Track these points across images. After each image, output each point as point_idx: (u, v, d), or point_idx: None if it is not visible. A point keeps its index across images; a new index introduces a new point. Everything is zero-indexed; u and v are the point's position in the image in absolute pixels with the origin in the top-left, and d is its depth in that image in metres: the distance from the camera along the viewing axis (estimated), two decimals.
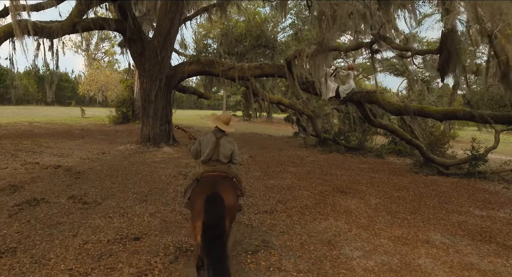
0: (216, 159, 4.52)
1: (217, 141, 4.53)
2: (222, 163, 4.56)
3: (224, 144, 4.55)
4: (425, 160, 12.81)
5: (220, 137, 4.58)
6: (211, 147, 4.49)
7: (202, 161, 4.56)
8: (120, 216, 6.47)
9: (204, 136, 4.64)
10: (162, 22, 14.25)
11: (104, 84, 40.27)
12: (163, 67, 14.69)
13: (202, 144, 4.59)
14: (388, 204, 8.32)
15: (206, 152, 4.50)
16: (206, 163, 4.53)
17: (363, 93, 11.77)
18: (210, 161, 4.53)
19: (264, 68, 13.85)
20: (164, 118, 15.11)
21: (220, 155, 4.51)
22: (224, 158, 4.55)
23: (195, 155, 4.73)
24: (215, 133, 4.62)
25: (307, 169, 12.40)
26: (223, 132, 4.65)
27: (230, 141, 4.63)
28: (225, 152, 4.54)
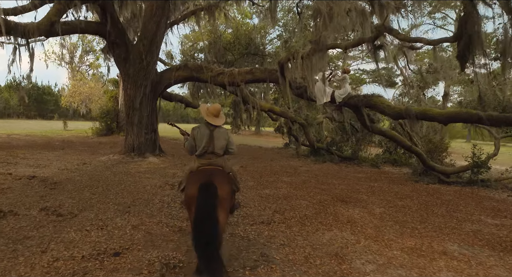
0: (212, 152, 4.48)
1: (211, 134, 4.51)
2: (218, 155, 4.53)
3: (218, 136, 4.54)
4: (425, 168, 12.34)
5: (213, 129, 4.55)
6: (206, 140, 4.46)
7: (197, 155, 4.51)
8: (99, 229, 5.77)
9: (197, 130, 4.58)
10: (147, 25, 13.69)
11: (88, 96, 39.30)
12: (149, 73, 14.08)
13: (196, 138, 4.54)
14: (394, 213, 7.75)
15: (202, 145, 4.46)
16: (201, 157, 4.49)
17: (360, 97, 11.32)
18: (205, 154, 4.48)
19: (255, 73, 13.34)
20: (149, 127, 14.42)
21: (215, 147, 4.49)
22: (219, 150, 4.52)
23: (191, 151, 4.65)
24: (208, 125, 4.57)
25: (302, 178, 11.81)
26: (214, 125, 4.60)
27: (223, 132, 4.62)
28: (220, 144, 4.52)
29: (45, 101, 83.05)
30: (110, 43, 13.88)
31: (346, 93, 11.67)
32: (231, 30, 24.24)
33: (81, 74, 43.20)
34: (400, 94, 22.22)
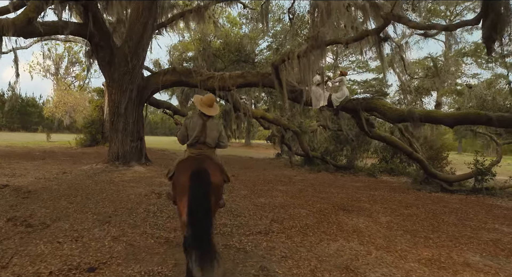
0: (203, 142, 4.45)
1: (204, 123, 4.46)
2: (209, 146, 4.50)
3: (211, 127, 4.50)
4: (427, 175, 11.83)
5: (206, 119, 4.50)
6: (198, 129, 4.43)
7: (189, 144, 4.49)
8: (73, 240, 5.09)
9: (190, 119, 4.58)
10: (133, 26, 13.12)
11: (72, 106, 38.40)
12: (135, 77, 13.45)
13: (188, 127, 4.51)
14: (401, 222, 7.18)
15: (194, 135, 4.43)
16: (193, 146, 4.46)
17: (359, 100, 10.82)
18: (196, 144, 4.44)
19: (247, 77, 12.80)
20: (135, 134, 13.73)
21: (207, 138, 4.46)
22: (211, 141, 4.49)
23: (182, 140, 4.64)
24: (201, 116, 4.52)
25: (298, 187, 11.21)
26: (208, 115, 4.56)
27: (216, 123, 4.63)
28: (212, 135, 4.49)
29: (29, 113, 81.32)
30: (94, 46, 13.26)
31: (344, 96, 11.17)
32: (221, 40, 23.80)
33: (66, 85, 42.41)
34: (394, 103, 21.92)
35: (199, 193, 3.62)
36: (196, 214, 3.50)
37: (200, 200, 3.59)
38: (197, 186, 3.66)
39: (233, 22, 29.57)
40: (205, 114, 4.50)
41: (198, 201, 3.58)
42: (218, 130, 4.58)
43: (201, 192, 3.63)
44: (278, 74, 11.11)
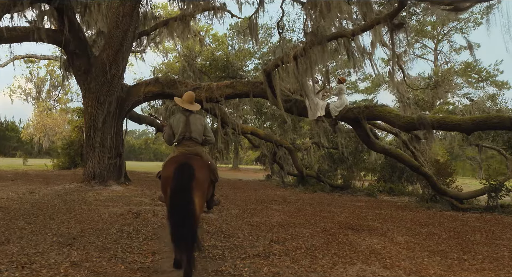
0: (189, 138, 4.53)
1: (187, 119, 4.59)
2: (196, 142, 4.58)
3: (195, 121, 4.61)
4: (435, 192, 10.90)
5: (188, 115, 4.65)
6: (182, 125, 4.53)
7: (176, 141, 4.59)
8: (18, 267, 3.99)
9: (173, 118, 4.71)
10: (113, 33, 12.19)
11: (51, 128, 36.97)
12: (114, 88, 12.44)
13: (173, 125, 4.62)
14: (422, 242, 6.19)
15: (179, 131, 4.53)
16: (180, 144, 4.56)
17: (361, 108, 9.93)
18: (183, 140, 4.54)
19: (237, 87, 11.93)
20: (113, 150, 12.63)
21: (193, 132, 4.54)
22: (198, 135, 4.59)
23: (169, 139, 4.75)
24: (183, 112, 4.68)
25: (295, 206, 10.20)
26: (190, 110, 4.72)
27: (199, 118, 4.73)
28: (197, 129, 4.59)
29: (8, 137, 79.11)
30: (69, 54, 12.30)
31: (343, 105, 10.31)
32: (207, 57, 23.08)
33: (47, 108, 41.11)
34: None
35: (181, 185, 3.75)
36: (177, 205, 3.68)
37: (181, 192, 3.71)
38: (180, 178, 3.78)
39: (221, 40, 29.02)
40: (187, 110, 4.68)
41: (179, 192, 3.73)
42: (202, 124, 4.69)
43: (183, 184, 3.74)
44: (271, 81, 10.23)
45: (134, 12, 12.49)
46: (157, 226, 6.63)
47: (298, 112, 10.98)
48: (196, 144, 4.58)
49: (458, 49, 37.51)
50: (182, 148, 4.51)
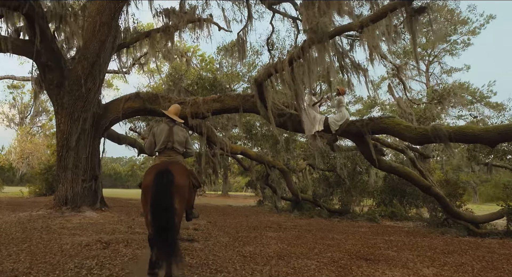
0: (171, 148, 4.66)
1: (170, 129, 4.71)
2: (178, 152, 4.72)
3: (177, 132, 4.75)
4: (448, 216, 9.80)
5: (172, 125, 4.79)
6: (165, 134, 4.65)
7: (158, 150, 4.71)
8: None
9: (157, 127, 4.85)
10: (89, 44, 11.18)
11: (31, 152, 35.40)
12: (89, 103, 11.31)
13: (156, 134, 4.74)
14: (455, 274, 5.03)
15: (161, 140, 4.65)
16: (162, 153, 4.70)
17: (364, 121, 8.86)
18: (165, 150, 4.67)
19: (225, 101, 10.88)
20: (88, 172, 11.38)
21: (175, 143, 4.67)
22: (179, 146, 4.72)
23: (150, 148, 4.84)
24: (168, 123, 4.82)
25: (292, 233, 8.99)
26: (174, 122, 4.87)
27: (182, 129, 4.90)
28: (179, 139, 4.72)
29: None
30: (41, 67, 11.20)
31: (344, 119, 9.26)
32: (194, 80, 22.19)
33: (30, 135, 39.78)
34: None
35: (161, 191, 3.80)
36: (157, 210, 3.73)
37: (161, 197, 3.75)
38: (159, 184, 3.83)
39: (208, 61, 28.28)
40: (172, 121, 4.84)
41: (159, 198, 3.77)
42: (185, 136, 4.86)
43: (163, 189, 3.79)
44: (263, 92, 9.20)
45: (113, 22, 11.53)
46: (127, 259, 5.41)
47: (293, 127, 9.91)
48: (177, 154, 4.71)
49: (449, 71, 37.32)
50: (163, 157, 4.63)
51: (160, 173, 3.94)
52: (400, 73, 11.38)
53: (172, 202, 3.77)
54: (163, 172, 3.95)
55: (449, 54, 36.25)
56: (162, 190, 3.78)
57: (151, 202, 3.77)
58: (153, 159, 4.94)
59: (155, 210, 3.70)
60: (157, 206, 3.71)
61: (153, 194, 3.80)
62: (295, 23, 16.52)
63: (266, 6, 15.93)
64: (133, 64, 25.57)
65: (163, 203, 3.71)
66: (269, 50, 18.69)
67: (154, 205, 3.74)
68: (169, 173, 3.91)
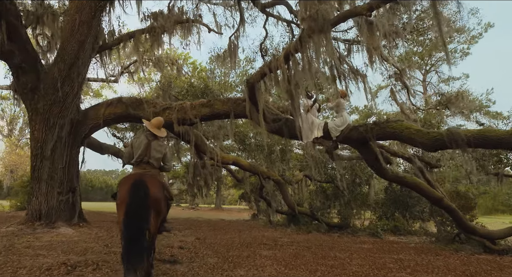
0: (147, 162, 4.67)
1: (149, 143, 4.72)
2: (153, 166, 4.72)
3: (156, 147, 4.75)
4: (461, 231, 8.91)
5: (152, 140, 4.78)
6: (143, 148, 4.64)
7: (134, 162, 4.69)
8: None
9: (136, 139, 4.84)
10: (66, 44, 10.32)
11: (15, 164, 34.23)
12: (67, 109, 10.39)
13: (134, 146, 4.75)
14: None
15: (138, 153, 4.64)
16: (137, 166, 4.68)
17: (368, 126, 7.97)
18: (141, 163, 4.66)
19: (215, 105, 10.00)
20: (65, 184, 10.40)
21: (151, 158, 4.68)
22: (155, 161, 4.74)
23: (128, 158, 4.81)
24: (148, 136, 4.80)
25: (289, 251, 8.07)
26: (155, 135, 4.85)
27: (161, 145, 4.89)
28: (156, 155, 4.74)
29: None
30: (14, 69, 10.29)
31: (345, 124, 8.40)
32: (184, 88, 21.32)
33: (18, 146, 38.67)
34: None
35: (136, 203, 3.78)
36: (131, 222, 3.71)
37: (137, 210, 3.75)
38: (134, 197, 3.84)
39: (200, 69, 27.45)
40: (152, 134, 4.84)
41: (135, 210, 3.75)
42: (163, 152, 4.87)
43: (139, 202, 3.79)
44: (254, 95, 8.33)
45: (93, 21, 10.68)
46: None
47: (289, 134, 9.01)
48: (153, 168, 4.71)
49: (447, 80, 36.73)
50: (139, 169, 4.63)
51: (135, 185, 3.94)
52: (403, 77, 10.58)
53: (147, 214, 3.79)
54: (139, 184, 3.95)
55: (447, 63, 35.67)
56: (137, 203, 3.76)
57: (125, 214, 3.75)
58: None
59: (130, 223, 3.67)
60: (132, 219, 3.69)
61: (128, 206, 3.76)
62: (290, 26, 15.78)
63: (259, 9, 15.15)
64: (122, 72, 24.76)
65: (138, 216, 3.71)
66: (262, 56, 17.86)
67: (128, 218, 3.71)
68: (145, 186, 3.92)
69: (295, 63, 7.02)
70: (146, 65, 22.73)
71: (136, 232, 3.65)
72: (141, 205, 3.78)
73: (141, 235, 3.67)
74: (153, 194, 3.98)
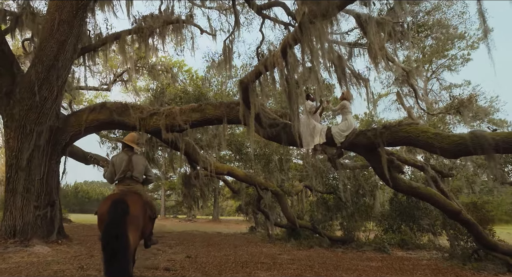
0: (130, 177, 4.81)
1: (130, 158, 4.87)
2: (137, 181, 4.89)
3: (137, 161, 4.92)
4: (480, 247, 7.99)
5: (131, 155, 4.95)
6: (125, 164, 4.79)
7: (117, 180, 4.83)
8: None
9: (116, 157, 4.98)
10: (45, 45, 9.51)
11: None
12: (45, 115, 9.54)
13: (115, 164, 4.86)
14: None
15: (121, 170, 4.77)
16: (121, 182, 4.81)
17: (377, 130, 7.09)
18: (124, 179, 4.80)
19: (206, 110, 9.16)
20: (43, 198, 9.52)
21: (134, 171, 4.84)
22: (138, 174, 4.90)
23: (110, 178, 4.95)
24: (126, 152, 4.99)
25: (290, 272, 7.18)
26: (132, 150, 5.05)
27: (141, 158, 5.08)
28: (138, 168, 4.89)
29: None
30: None
31: (351, 128, 7.53)
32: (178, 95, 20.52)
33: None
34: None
35: (114, 220, 3.85)
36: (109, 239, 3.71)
37: (114, 226, 3.81)
38: (113, 214, 3.91)
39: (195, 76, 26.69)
40: (130, 150, 5.02)
41: (112, 227, 3.82)
42: (144, 165, 5.03)
43: (116, 219, 3.85)
44: (248, 96, 7.47)
45: (75, 21, 9.87)
46: None
47: (288, 140, 8.14)
48: (136, 183, 4.88)
49: (448, 87, 36.01)
50: (122, 186, 4.78)
51: (115, 202, 4.03)
52: (410, 79, 9.77)
53: (125, 231, 3.81)
54: (118, 202, 4.04)
55: (448, 69, 35.00)
56: (115, 219, 3.84)
57: (104, 231, 3.84)
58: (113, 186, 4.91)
59: (108, 239, 3.70)
60: (110, 235, 3.72)
61: (106, 223, 3.85)
62: (287, 29, 15.04)
63: (255, 11, 14.41)
64: (115, 81, 23.95)
65: (115, 232, 3.74)
66: (259, 61, 17.11)
67: (106, 234, 3.76)
68: (124, 203, 3.99)
69: (294, 57, 6.18)
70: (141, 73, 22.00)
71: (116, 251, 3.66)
72: (118, 222, 3.82)
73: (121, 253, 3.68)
74: (132, 211, 4.02)
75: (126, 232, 3.82)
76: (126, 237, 3.79)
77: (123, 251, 3.69)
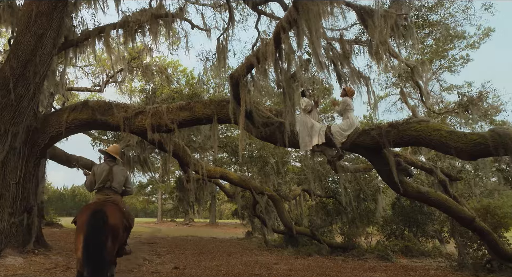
0: (109, 187, 4.86)
1: (110, 169, 4.93)
2: (116, 191, 4.93)
3: (117, 172, 4.97)
4: (495, 257, 7.27)
5: (112, 165, 5.00)
6: (105, 174, 4.85)
7: (96, 189, 4.88)
8: None
9: (97, 166, 5.07)
10: (21, 38, 8.78)
11: None
12: (21, 114, 8.79)
13: (96, 173, 4.93)
14: None
15: (101, 179, 4.83)
16: (100, 192, 4.86)
17: (383, 129, 6.34)
18: (103, 188, 4.85)
19: (195, 108, 8.41)
20: (19, 204, 8.75)
21: (113, 182, 4.89)
22: (117, 185, 4.95)
23: (90, 186, 5.01)
24: (108, 162, 5.06)
25: None
26: (114, 161, 5.13)
27: (122, 169, 5.18)
28: (118, 179, 4.94)
29: None
30: None
31: (353, 127, 6.81)
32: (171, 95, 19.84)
33: None
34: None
35: (94, 230, 3.93)
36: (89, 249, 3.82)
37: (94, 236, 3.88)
38: (92, 224, 3.98)
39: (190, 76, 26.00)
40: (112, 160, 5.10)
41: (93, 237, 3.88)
42: (124, 176, 5.11)
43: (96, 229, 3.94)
44: (238, 92, 6.76)
45: (55, 13, 9.11)
46: None
47: (283, 141, 7.41)
48: (115, 194, 4.90)
49: (449, 88, 35.37)
50: (101, 196, 4.80)
51: (94, 212, 4.10)
52: (415, 76, 9.08)
53: (104, 241, 3.89)
54: (97, 212, 4.12)
55: (448, 71, 34.35)
56: (95, 229, 3.89)
57: (83, 241, 3.83)
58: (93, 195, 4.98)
59: (88, 249, 3.75)
60: (90, 245, 3.78)
61: (86, 233, 3.87)
62: None
63: (250, 6, 13.69)
64: (108, 81, 23.21)
65: (96, 242, 3.82)
66: None
67: (87, 244, 3.78)
68: (103, 213, 4.08)
69: (289, 45, 5.45)
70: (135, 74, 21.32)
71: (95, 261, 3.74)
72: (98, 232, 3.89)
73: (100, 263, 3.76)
74: (111, 221, 4.09)
75: (106, 242, 3.90)
76: (106, 247, 3.88)
77: (104, 261, 3.79)
